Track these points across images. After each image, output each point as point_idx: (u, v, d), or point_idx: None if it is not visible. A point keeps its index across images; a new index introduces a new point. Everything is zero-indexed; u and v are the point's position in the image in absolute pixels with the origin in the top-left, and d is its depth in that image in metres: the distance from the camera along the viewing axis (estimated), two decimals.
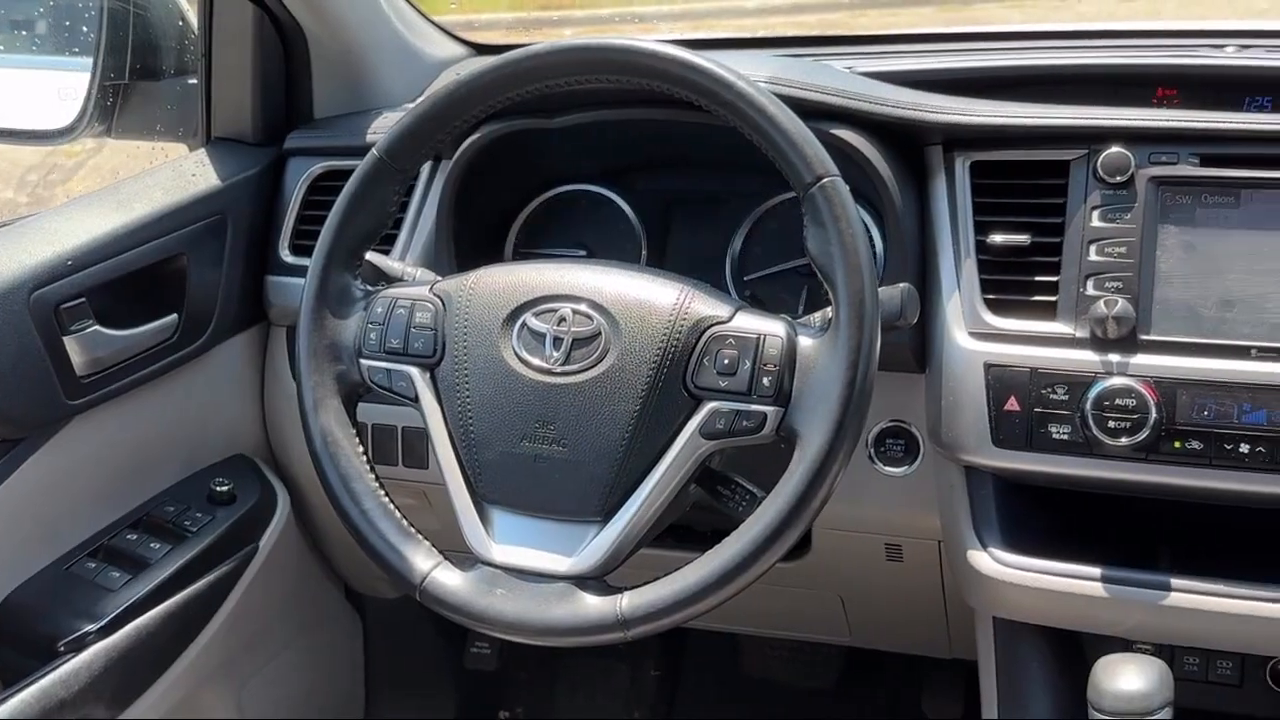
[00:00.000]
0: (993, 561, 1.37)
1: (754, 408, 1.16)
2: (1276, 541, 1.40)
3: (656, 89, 1.22)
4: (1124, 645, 1.42)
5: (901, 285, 1.20)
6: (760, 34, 2.33)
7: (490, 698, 2.36)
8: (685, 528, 1.55)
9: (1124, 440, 1.27)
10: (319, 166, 1.74)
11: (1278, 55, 1.58)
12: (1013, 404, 1.33)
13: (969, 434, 1.36)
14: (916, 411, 1.48)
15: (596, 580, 1.18)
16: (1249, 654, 1.49)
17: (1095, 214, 1.33)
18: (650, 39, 1.22)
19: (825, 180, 1.15)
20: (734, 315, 1.19)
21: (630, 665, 2.35)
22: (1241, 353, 1.27)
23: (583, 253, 1.65)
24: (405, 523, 1.25)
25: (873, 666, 2.27)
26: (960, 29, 2.13)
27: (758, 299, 1.57)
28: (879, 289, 1.16)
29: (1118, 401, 1.27)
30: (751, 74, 1.21)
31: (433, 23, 1.97)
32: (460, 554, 1.24)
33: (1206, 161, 1.32)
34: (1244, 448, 1.26)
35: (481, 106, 1.28)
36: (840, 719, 2.29)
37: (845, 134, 1.41)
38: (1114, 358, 1.30)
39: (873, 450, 1.51)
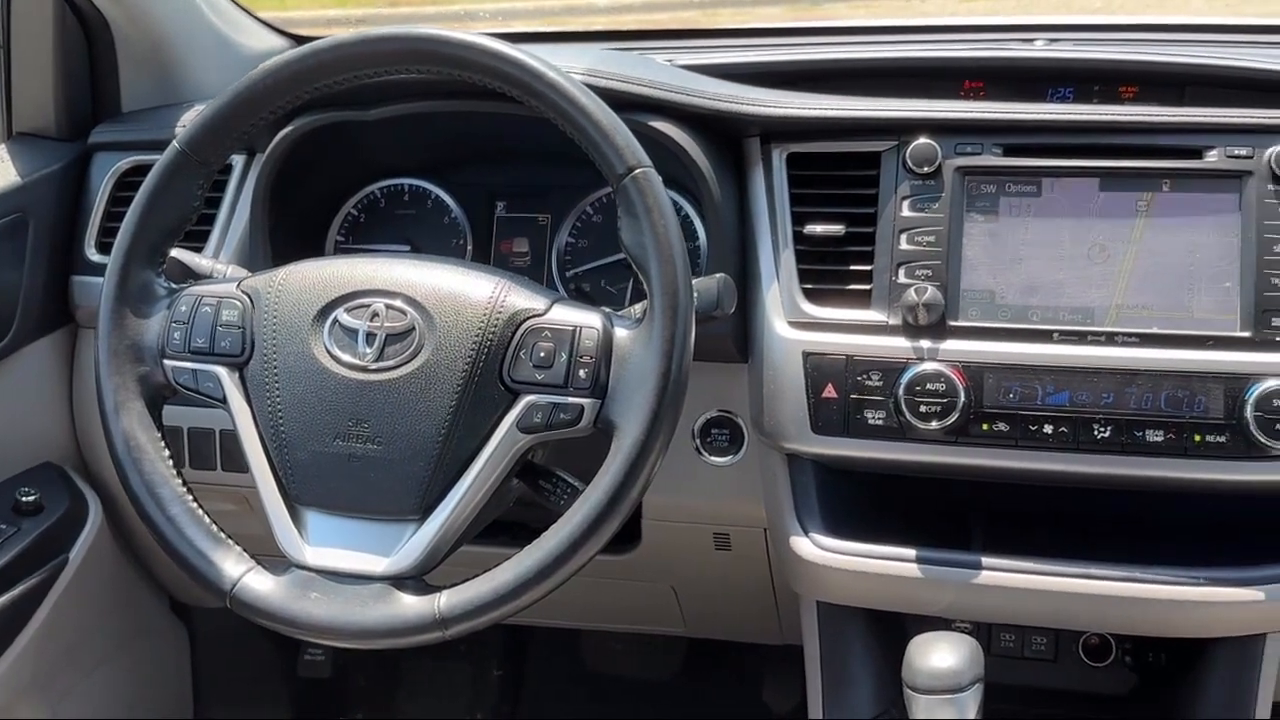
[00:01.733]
0: (813, 546, 1.39)
1: (571, 400, 1.15)
2: (1083, 520, 1.45)
3: (469, 80, 1.20)
4: (944, 625, 1.45)
5: (718, 276, 1.20)
6: (597, 28, 2.33)
7: (327, 705, 2.31)
8: (520, 524, 1.54)
9: (935, 424, 1.30)
10: (126, 161, 1.68)
11: (1083, 48, 1.64)
12: (830, 391, 1.35)
13: (789, 422, 1.37)
14: (741, 401, 1.49)
15: (414, 580, 1.16)
16: (1061, 630, 1.54)
17: (906, 204, 1.36)
18: (475, 32, 1.20)
19: (637, 171, 1.15)
20: (550, 308, 1.18)
21: (472, 665, 2.32)
22: (1044, 337, 1.31)
23: (406, 248, 1.62)
24: (215, 528, 1.21)
25: (714, 657, 2.29)
26: (789, 24, 2.16)
27: (584, 292, 1.57)
28: (696, 280, 1.17)
29: (928, 386, 1.30)
30: (569, 66, 1.20)
31: (252, 15, 1.91)
32: (277, 559, 1.20)
33: (1009, 151, 1.36)
34: (1047, 429, 1.30)
35: (288, 98, 1.24)
36: (682, 710, 2.30)
37: (662, 126, 1.41)
38: (924, 344, 1.33)
39: (699, 440, 1.52)
